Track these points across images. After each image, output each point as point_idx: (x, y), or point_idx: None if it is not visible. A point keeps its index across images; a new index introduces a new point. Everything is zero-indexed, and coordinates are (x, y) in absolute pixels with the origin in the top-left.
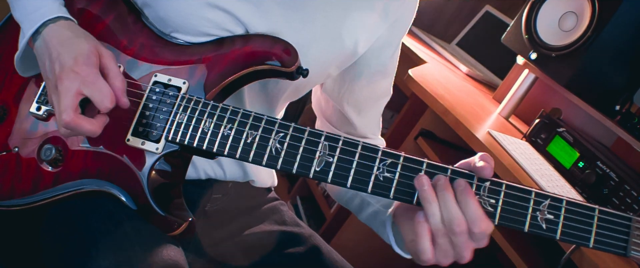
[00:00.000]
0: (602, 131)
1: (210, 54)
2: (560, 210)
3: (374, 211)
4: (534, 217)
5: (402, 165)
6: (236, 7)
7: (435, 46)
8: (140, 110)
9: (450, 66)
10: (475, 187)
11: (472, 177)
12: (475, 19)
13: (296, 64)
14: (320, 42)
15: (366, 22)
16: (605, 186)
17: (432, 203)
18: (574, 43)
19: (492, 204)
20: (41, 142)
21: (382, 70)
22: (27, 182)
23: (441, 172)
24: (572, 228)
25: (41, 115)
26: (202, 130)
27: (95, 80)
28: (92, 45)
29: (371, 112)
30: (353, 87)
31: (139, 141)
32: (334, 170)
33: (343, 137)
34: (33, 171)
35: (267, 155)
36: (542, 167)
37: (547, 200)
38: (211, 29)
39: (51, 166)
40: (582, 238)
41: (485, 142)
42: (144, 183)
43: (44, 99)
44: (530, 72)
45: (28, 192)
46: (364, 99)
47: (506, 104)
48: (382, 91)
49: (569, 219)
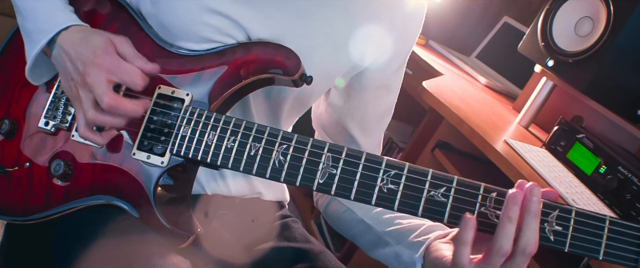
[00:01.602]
0: (625, 137)
1: (213, 63)
2: (569, 221)
3: (394, 252)
4: (541, 229)
5: (406, 176)
6: (237, 12)
7: (454, 59)
8: (145, 124)
9: (469, 78)
10: (480, 198)
11: (477, 187)
12: (493, 30)
13: (300, 71)
14: (324, 50)
15: (372, 33)
16: (628, 191)
17: (510, 226)
18: (591, 48)
19: (497, 216)
20: (51, 157)
21: (387, 85)
22: (39, 196)
23: (446, 183)
24: (581, 240)
25: (49, 130)
26: (206, 143)
27: (119, 65)
28: (105, 37)
29: (375, 131)
30: (358, 103)
31: (144, 155)
32: (337, 183)
33: (346, 148)
34: (44, 186)
35: (270, 167)
36: (561, 174)
37: (555, 211)
38: (213, 34)
39: (61, 180)
40: (591, 250)
41: (502, 151)
42: (151, 197)
43: (52, 114)
44: (548, 80)
45: (41, 206)
46: (368, 115)
47: (525, 113)
48: (386, 107)
49: (578, 231)
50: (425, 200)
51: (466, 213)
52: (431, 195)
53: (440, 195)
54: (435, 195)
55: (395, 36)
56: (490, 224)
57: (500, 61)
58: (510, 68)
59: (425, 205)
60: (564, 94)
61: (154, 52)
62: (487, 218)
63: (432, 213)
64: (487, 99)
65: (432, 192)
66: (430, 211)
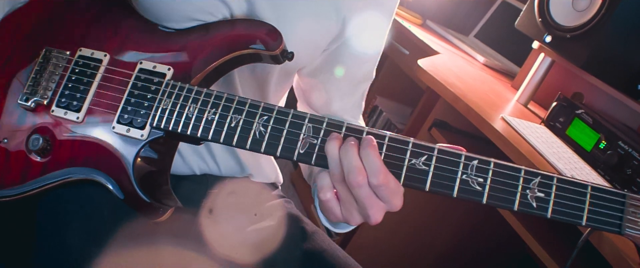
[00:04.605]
0: (626, 113)
1: (195, 40)
2: (552, 187)
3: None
4: (523, 195)
5: (387, 145)
6: None
7: (452, 39)
8: (125, 98)
9: (467, 58)
10: (462, 166)
11: (459, 155)
12: (492, 9)
13: (281, 46)
14: (306, 21)
15: (353, 2)
16: (629, 166)
17: (334, 152)
18: (589, 22)
19: (480, 183)
20: (29, 133)
21: (365, 53)
22: (16, 173)
23: (427, 152)
24: (564, 206)
25: (29, 105)
26: (186, 116)
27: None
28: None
29: (352, 96)
30: (333, 69)
31: (124, 128)
32: (317, 152)
33: (327, 119)
34: (21, 162)
35: (250, 138)
36: (560, 150)
37: (537, 178)
38: (196, 13)
39: (39, 156)
40: (574, 216)
41: (500, 129)
42: (130, 171)
43: (32, 90)
44: (546, 56)
45: (17, 182)
46: (344, 81)
47: (524, 90)
48: (363, 74)
49: (560, 197)
50: (407, 168)
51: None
52: (412, 164)
53: (422, 164)
54: (417, 164)
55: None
56: (472, 191)
57: (499, 40)
58: (510, 47)
59: (407, 173)
60: (563, 71)
61: (136, 29)
62: (469, 185)
63: (413, 181)
64: (486, 78)
65: (413, 160)
66: (411, 179)
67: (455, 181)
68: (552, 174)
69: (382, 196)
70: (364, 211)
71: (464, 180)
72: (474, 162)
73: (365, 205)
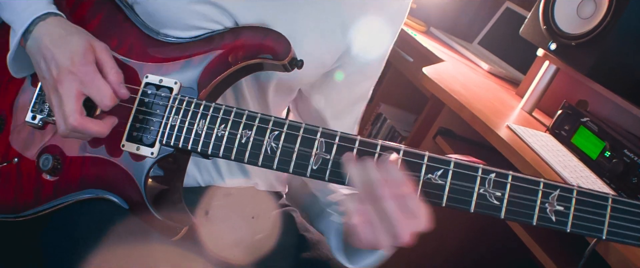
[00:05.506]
0: (632, 121)
1: (201, 50)
2: (571, 201)
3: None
4: (542, 209)
5: (402, 159)
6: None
7: (456, 46)
8: (133, 114)
9: (471, 65)
10: (479, 180)
11: (476, 169)
12: (495, 16)
13: (290, 55)
14: (312, 35)
15: (360, 18)
16: (634, 175)
17: (354, 171)
18: (594, 30)
19: (497, 197)
20: (39, 151)
21: (365, 70)
22: (29, 192)
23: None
24: (584, 220)
25: (37, 124)
26: (196, 132)
27: (93, 79)
28: (86, 41)
29: (347, 116)
30: (332, 84)
31: (133, 146)
32: (330, 168)
33: (340, 133)
34: (33, 181)
35: (262, 155)
36: (565, 158)
37: (556, 191)
38: (200, 21)
39: (50, 175)
40: (594, 230)
41: (504, 136)
42: (142, 189)
43: (39, 108)
44: (551, 64)
45: (31, 202)
46: (341, 99)
47: (528, 98)
48: (360, 93)
49: (580, 211)
50: (423, 183)
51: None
52: (428, 178)
53: (438, 178)
54: (433, 178)
55: (383, 19)
56: (490, 206)
57: (503, 47)
58: (514, 54)
59: (422, 188)
60: (567, 78)
61: (141, 40)
62: (486, 200)
63: (430, 196)
64: (490, 85)
65: (429, 174)
66: (428, 195)
67: (472, 196)
68: (572, 186)
69: (409, 211)
70: (392, 230)
71: (481, 194)
72: (492, 175)
73: (392, 223)
